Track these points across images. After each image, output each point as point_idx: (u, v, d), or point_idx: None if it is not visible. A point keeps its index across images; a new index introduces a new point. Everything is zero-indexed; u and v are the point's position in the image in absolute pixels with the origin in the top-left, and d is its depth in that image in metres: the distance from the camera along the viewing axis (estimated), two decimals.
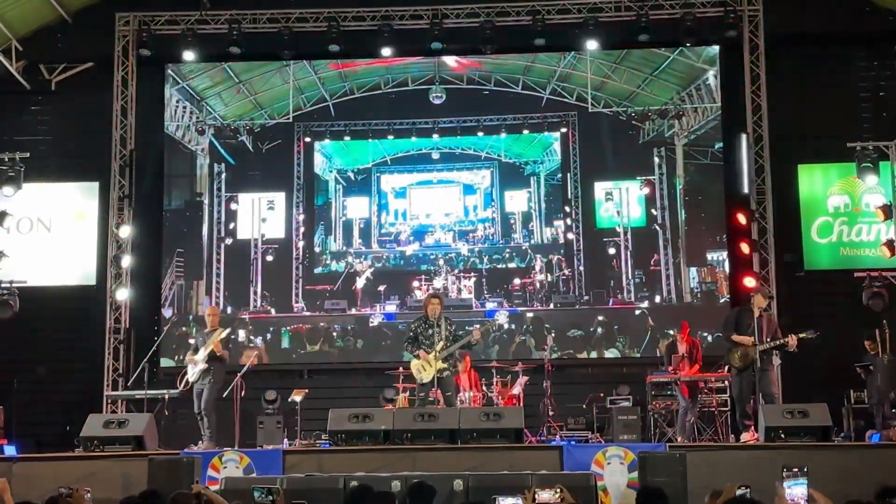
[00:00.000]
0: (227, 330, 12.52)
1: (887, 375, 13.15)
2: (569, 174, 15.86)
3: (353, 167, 16.21)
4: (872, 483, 6.74)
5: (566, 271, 15.58)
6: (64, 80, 16.08)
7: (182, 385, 12.86)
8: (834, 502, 4.26)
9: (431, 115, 16.02)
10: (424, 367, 12.09)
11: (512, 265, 15.78)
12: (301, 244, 15.98)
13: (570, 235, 15.70)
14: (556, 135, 15.95)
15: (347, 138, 16.21)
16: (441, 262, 15.82)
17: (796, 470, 3.24)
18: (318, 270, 15.98)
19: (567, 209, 15.81)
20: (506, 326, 15.16)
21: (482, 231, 15.96)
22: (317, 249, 16.03)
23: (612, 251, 15.55)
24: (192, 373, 12.40)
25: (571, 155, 15.87)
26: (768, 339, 11.83)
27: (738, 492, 4.91)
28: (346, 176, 16.21)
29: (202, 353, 12.35)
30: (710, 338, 14.40)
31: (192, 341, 13.13)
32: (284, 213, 16.05)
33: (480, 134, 16.02)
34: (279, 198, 16.09)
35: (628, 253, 15.54)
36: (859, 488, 6.62)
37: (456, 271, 15.77)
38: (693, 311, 14.86)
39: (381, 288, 15.78)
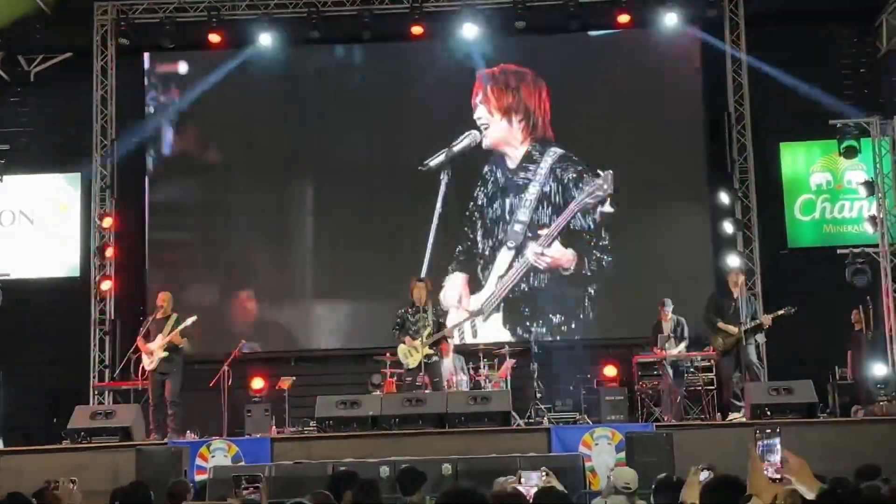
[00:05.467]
0: (193, 318, 12.42)
1: (872, 351, 13.25)
2: None
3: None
4: (858, 458, 6.81)
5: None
6: (43, 70, 15.97)
7: (141, 375, 12.83)
8: (819, 479, 4.29)
9: None
10: (411, 353, 12.14)
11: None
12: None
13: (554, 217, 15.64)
14: None
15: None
16: None
17: (769, 431, 3.27)
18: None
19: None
20: (485, 311, 15.12)
21: None
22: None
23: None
24: (151, 361, 12.32)
25: None
26: (748, 319, 12.09)
27: (703, 475, 4.96)
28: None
29: (160, 341, 12.27)
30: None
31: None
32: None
33: None
34: None
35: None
36: (845, 464, 6.67)
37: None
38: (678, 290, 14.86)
39: None
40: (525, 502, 3.78)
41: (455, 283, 15.33)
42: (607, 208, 15.26)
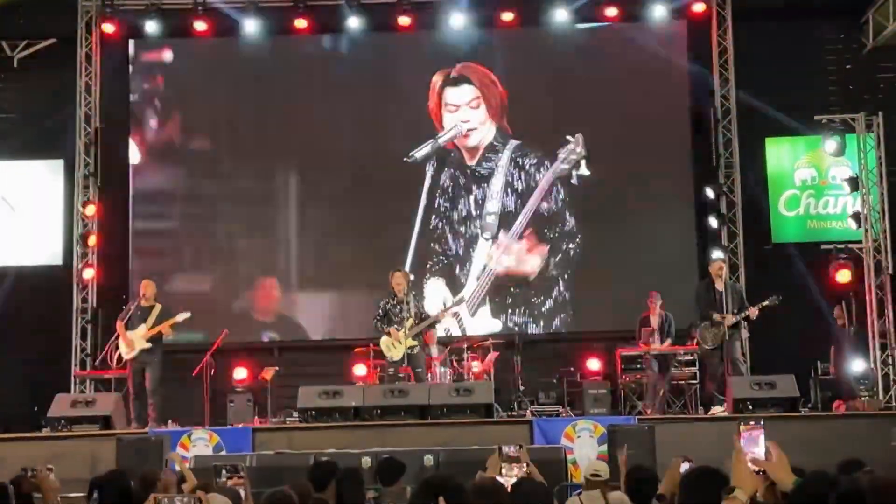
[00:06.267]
0: (187, 314, 12.34)
1: (854, 346, 13.30)
2: None
3: None
4: (839, 453, 6.82)
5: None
6: (27, 56, 15.82)
7: (117, 363, 12.78)
8: (799, 472, 4.30)
9: None
10: (394, 345, 12.11)
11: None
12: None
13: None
14: None
15: None
16: None
17: (753, 423, 3.27)
18: None
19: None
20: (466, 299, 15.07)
21: None
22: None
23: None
24: (131, 351, 12.25)
25: None
26: (735, 311, 12.16)
27: (683, 466, 4.97)
28: None
29: (143, 331, 12.19)
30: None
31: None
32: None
33: None
34: None
35: None
36: (826, 459, 6.66)
37: None
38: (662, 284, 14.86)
39: None
40: (503, 491, 3.76)
41: (435, 290, 15.29)
42: (583, 171, 15.23)
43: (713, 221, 15.01)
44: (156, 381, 12.21)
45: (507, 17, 15.30)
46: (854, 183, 13.86)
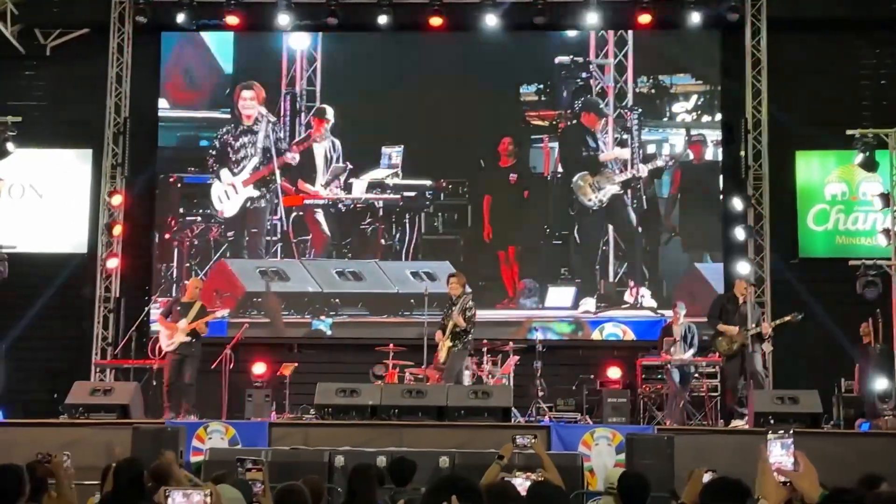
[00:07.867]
0: (225, 311, 12.56)
1: (879, 364, 13.12)
2: None
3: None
4: (861, 471, 6.71)
5: None
6: (59, 45, 15.90)
7: (158, 354, 12.90)
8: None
9: None
10: (441, 348, 12.22)
11: None
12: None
13: None
14: None
15: None
16: None
17: (782, 431, 3.20)
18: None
19: None
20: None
21: None
22: None
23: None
24: (171, 342, 12.35)
25: None
26: (754, 325, 12.07)
27: (706, 477, 4.88)
28: None
29: (184, 325, 12.31)
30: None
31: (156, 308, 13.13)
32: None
33: None
34: None
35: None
36: (847, 476, 6.57)
37: None
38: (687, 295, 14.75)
39: None
40: (515, 493, 3.70)
41: None
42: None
43: (740, 233, 14.86)
44: (194, 375, 12.41)
45: (539, 20, 15.19)
46: (885, 199, 13.69)
